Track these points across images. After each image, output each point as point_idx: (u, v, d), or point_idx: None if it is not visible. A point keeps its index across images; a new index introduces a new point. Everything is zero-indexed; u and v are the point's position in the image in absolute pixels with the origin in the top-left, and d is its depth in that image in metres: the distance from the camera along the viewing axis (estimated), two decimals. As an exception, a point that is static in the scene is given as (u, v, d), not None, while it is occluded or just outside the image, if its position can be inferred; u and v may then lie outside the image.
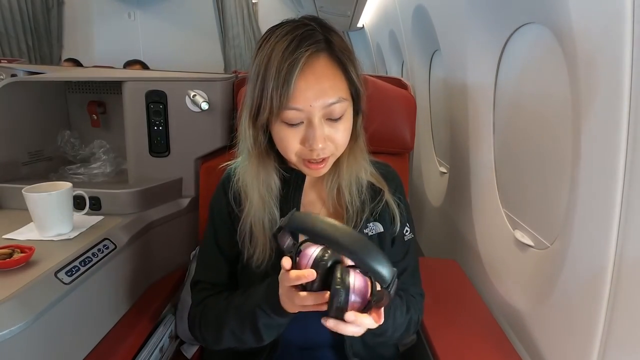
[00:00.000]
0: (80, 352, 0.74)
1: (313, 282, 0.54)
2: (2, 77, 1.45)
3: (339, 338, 0.75)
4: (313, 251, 0.55)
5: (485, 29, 1.03)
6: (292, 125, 0.65)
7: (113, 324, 0.84)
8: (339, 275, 0.52)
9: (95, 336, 0.79)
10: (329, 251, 0.55)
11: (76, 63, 3.10)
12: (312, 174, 0.70)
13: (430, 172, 1.89)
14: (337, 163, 0.74)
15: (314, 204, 0.77)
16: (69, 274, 0.71)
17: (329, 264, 0.54)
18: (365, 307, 0.53)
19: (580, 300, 0.70)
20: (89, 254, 0.78)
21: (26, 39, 4.19)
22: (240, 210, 0.74)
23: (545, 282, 0.82)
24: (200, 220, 1.09)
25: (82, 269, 0.74)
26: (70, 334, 0.71)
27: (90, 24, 4.71)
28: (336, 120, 0.66)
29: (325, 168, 0.69)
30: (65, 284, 0.69)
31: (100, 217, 0.93)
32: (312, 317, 0.74)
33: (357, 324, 0.53)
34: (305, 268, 0.55)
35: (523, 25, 0.92)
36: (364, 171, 0.76)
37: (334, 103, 0.65)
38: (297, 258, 0.56)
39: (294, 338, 0.75)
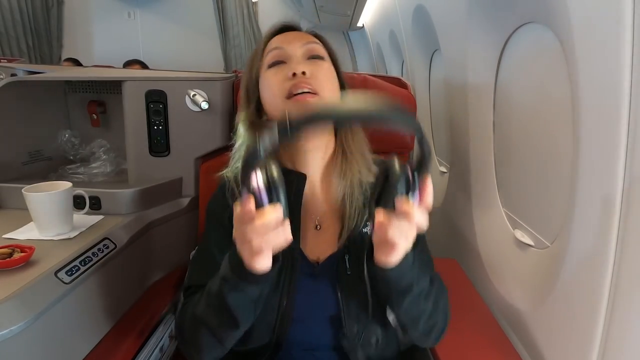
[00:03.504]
0: (80, 352, 0.74)
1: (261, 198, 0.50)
2: (2, 77, 1.45)
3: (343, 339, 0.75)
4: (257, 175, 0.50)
5: (485, 29, 1.03)
6: (275, 64, 0.69)
7: (113, 324, 0.84)
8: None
9: (95, 336, 0.79)
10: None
11: (76, 63, 3.10)
12: (301, 110, 0.66)
13: (431, 172, 1.89)
14: (338, 163, 0.73)
15: (314, 204, 0.76)
16: (69, 273, 0.71)
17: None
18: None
19: (580, 300, 0.70)
20: (89, 253, 0.78)
21: (26, 38, 4.19)
22: None
23: (546, 281, 0.82)
24: (200, 220, 1.09)
25: (82, 268, 0.74)
26: (70, 334, 0.71)
27: (90, 24, 4.71)
28: (318, 58, 0.70)
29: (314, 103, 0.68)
30: (66, 283, 0.69)
31: (100, 217, 0.93)
32: (316, 318, 0.74)
33: (410, 215, 0.53)
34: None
35: (523, 25, 0.92)
36: (367, 171, 0.74)
37: (313, 42, 0.71)
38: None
39: (297, 339, 0.74)
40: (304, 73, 0.66)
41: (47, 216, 0.81)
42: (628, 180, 0.58)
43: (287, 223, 0.52)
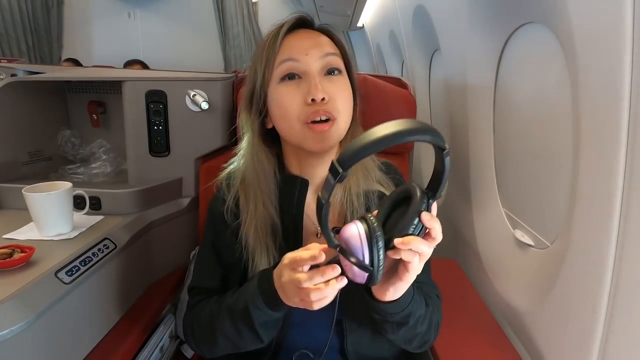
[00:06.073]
0: (81, 352, 0.74)
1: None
2: (2, 77, 1.45)
3: (342, 342, 0.74)
4: (358, 226, 0.51)
5: (485, 29, 1.03)
6: (289, 79, 0.64)
7: (113, 324, 0.84)
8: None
9: (96, 336, 0.79)
10: (372, 217, 0.51)
11: (76, 63, 3.10)
12: (318, 141, 0.64)
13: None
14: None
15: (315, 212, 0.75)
16: (69, 273, 0.71)
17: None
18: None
19: (580, 300, 0.70)
20: (89, 253, 0.78)
21: (26, 39, 4.19)
22: (241, 214, 0.72)
23: (545, 281, 0.82)
24: (200, 220, 1.09)
25: (82, 268, 0.74)
26: (70, 334, 0.71)
27: (90, 24, 4.71)
28: (335, 74, 0.65)
29: (331, 133, 0.63)
30: (66, 283, 0.69)
31: (100, 217, 0.93)
32: (316, 321, 0.74)
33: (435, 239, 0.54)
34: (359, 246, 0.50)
35: (523, 25, 0.92)
36: (368, 180, 0.73)
37: (331, 53, 0.65)
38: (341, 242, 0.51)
39: (296, 342, 0.74)
40: (323, 99, 0.62)
41: (47, 216, 0.81)
42: (628, 180, 0.58)
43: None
